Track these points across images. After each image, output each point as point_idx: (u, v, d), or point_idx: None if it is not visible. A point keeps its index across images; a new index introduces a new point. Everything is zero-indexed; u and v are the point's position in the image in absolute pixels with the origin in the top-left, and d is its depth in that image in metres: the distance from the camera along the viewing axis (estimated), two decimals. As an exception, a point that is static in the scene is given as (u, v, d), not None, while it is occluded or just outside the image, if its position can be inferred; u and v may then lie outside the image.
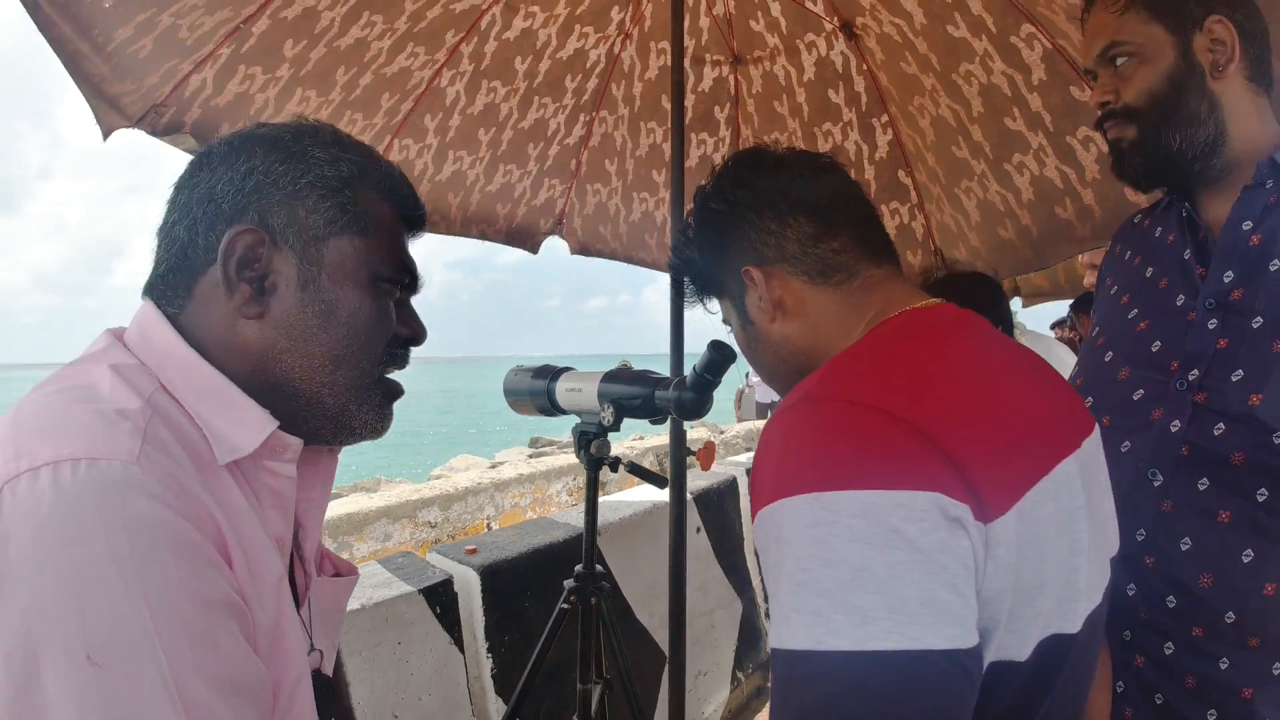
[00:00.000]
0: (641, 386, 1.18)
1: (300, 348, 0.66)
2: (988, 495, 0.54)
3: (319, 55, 1.60)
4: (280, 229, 0.66)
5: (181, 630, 0.51)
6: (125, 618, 0.49)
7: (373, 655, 1.67)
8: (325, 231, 0.67)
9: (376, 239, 0.70)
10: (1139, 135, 0.96)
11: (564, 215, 2.35)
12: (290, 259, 0.66)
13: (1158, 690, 0.90)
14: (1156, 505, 0.90)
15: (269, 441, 0.65)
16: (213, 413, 0.63)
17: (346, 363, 0.68)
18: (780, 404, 0.61)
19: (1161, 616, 0.89)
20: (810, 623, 0.51)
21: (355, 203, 0.68)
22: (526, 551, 2.05)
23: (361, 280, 0.68)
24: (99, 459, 0.51)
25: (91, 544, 0.49)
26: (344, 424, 0.70)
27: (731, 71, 2.06)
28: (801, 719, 0.51)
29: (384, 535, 3.84)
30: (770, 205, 0.76)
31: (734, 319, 0.82)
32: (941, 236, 2.07)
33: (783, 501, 0.54)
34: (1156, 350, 0.95)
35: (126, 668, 0.49)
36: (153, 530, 0.51)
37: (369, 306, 0.69)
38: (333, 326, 0.67)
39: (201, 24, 1.39)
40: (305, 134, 0.69)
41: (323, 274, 0.67)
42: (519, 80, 1.96)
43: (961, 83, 1.70)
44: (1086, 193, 1.68)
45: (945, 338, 0.67)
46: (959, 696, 0.51)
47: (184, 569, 0.52)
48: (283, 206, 0.66)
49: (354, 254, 0.68)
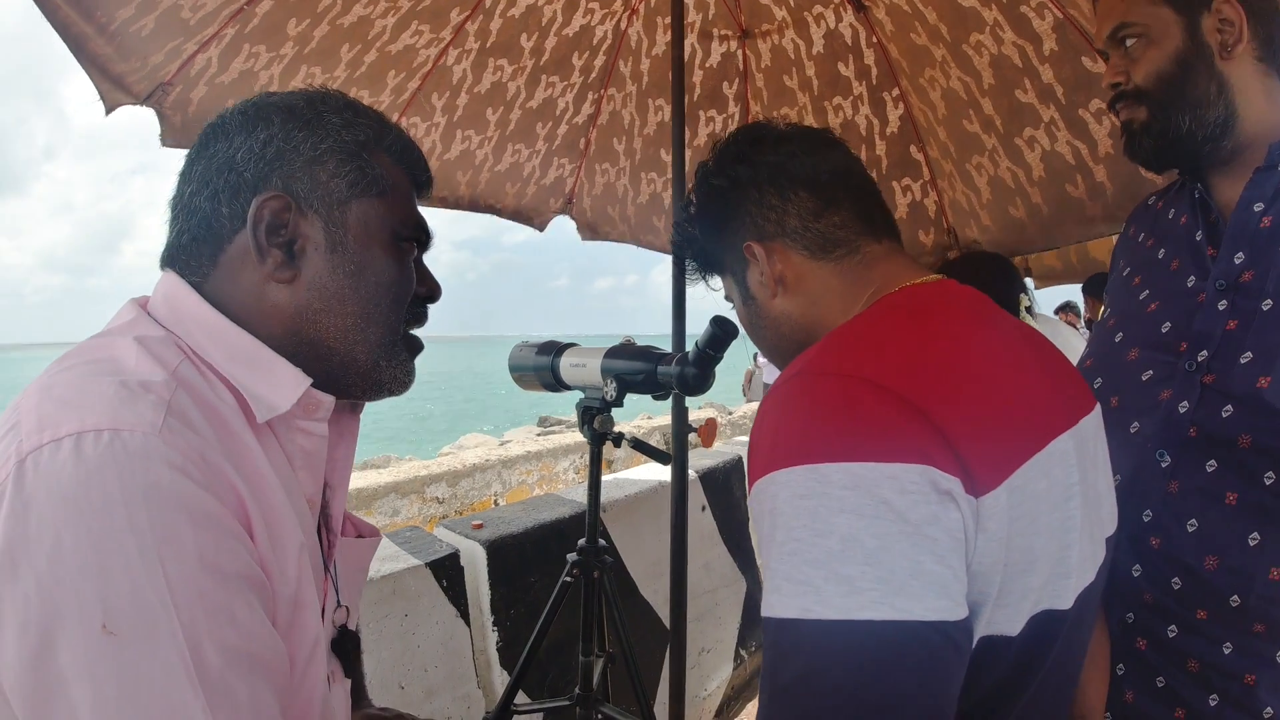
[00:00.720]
0: (644, 362, 1.19)
1: (334, 308, 0.68)
2: (979, 469, 0.54)
3: (323, 33, 1.59)
4: (305, 194, 0.67)
5: (198, 601, 0.51)
6: (142, 588, 0.49)
7: (380, 627, 1.70)
8: (348, 195, 0.68)
9: (394, 200, 0.72)
10: (1149, 117, 0.95)
11: (573, 195, 2.34)
12: (317, 223, 0.67)
13: (1159, 673, 0.90)
14: (1164, 486, 0.90)
15: (303, 400, 0.66)
16: (247, 374, 0.64)
17: (376, 320, 0.70)
18: (777, 378, 0.61)
19: (1166, 599, 0.89)
20: (799, 591, 0.52)
21: (373, 166, 0.70)
22: (532, 527, 2.07)
23: (385, 240, 0.70)
24: (121, 430, 0.51)
25: (111, 514, 0.49)
26: (375, 379, 0.72)
27: (740, 46, 2.03)
28: (788, 686, 0.52)
29: (392, 510, 3.88)
30: (771, 180, 0.76)
31: (735, 295, 0.82)
32: (954, 214, 2.04)
33: (776, 473, 0.55)
34: (1166, 331, 0.94)
35: (142, 637, 0.49)
36: (173, 501, 0.51)
37: (393, 265, 0.71)
38: (363, 286, 0.69)
39: (204, 4, 1.39)
40: (318, 101, 0.70)
41: (349, 236, 0.68)
42: (526, 58, 1.94)
43: (972, 54, 1.67)
44: (1099, 169, 1.65)
45: (942, 313, 0.67)
46: (946, 668, 0.52)
47: (203, 540, 0.52)
48: (305, 172, 0.67)
49: (376, 215, 0.70)
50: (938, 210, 2.06)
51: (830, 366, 0.59)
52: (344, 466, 0.76)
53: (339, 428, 0.76)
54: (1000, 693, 0.61)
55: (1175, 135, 0.93)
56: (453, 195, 2.11)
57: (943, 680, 0.52)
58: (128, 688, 0.48)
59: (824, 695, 0.50)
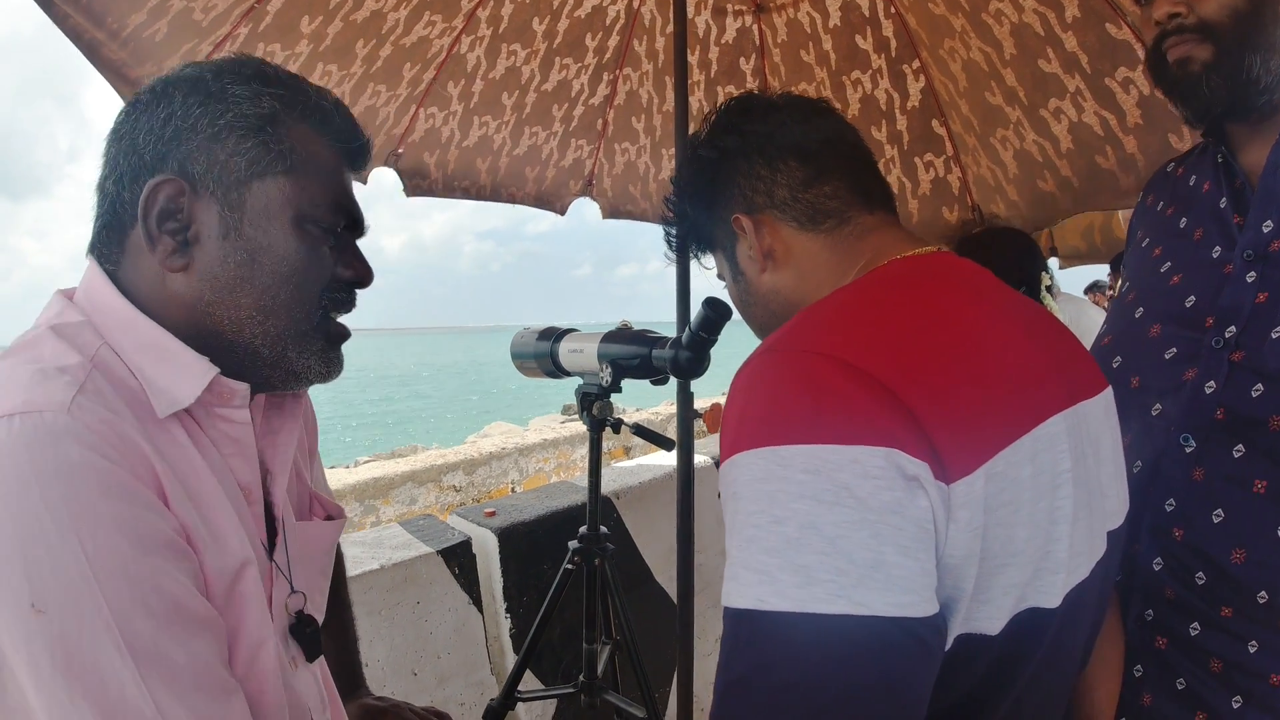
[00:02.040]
0: (639, 346, 1.16)
1: (226, 299, 0.64)
2: (951, 454, 0.50)
3: (336, 30, 1.60)
4: (201, 176, 0.63)
5: (119, 571, 0.52)
6: (63, 564, 0.50)
7: (392, 614, 1.71)
8: (248, 174, 0.64)
9: (307, 178, 0.66)
10: (1215, 55, 0.85)
11: (593, 176, 2.32)
12: (212, 207, 0.63)
13: (1179, 674, 0.85)
14: (1187, 473, 0.84)
15: (215, 389, 0.64)
16: (153, 365, 0.62)
17: (276, 312, 0.65)
18: (749, 355, 0.58)
19: (1188, 594, 0.83)
20: (756, 580, 0.49)
21: (280, 140, 0.65)
22: (544, 514, 2.06)
23: (288, 223, 0.65)
24: (31, 411, 0.52)
25: (27, 494, 0.50)
26: (286, 370, 0.68)
27: (755, 21, 1.97)
28: (741, 679, 0.49)
29: (410, 499, 3.92)
30: (759, 150, 0.73)
31: (726, 272, 0.80)
32: (979, 190, 1.97)
33: (739, 456, 0.52)
34: (1190, 306, 0.88)
35: (68, 612, 0.50)
36: (84, 475, 0.52)
37: (298, 251, 0.66)
38: (259, 276, 0.64)
39: (214, 5, 1.40)
40: (226, 71, 0.65)
41: (245, 220, 0.64)
42: (539, 42, 1.93)
43: (992, 22, 1.60)
44: (1129, 140, 1.57)
45: (927, 287, 0.63)
46: (910, 667, 0.48)
47: (119, 512, 0.52)
48: (202, 151, 0.63)
49: (280, 195, 0.65)
50: (962, 186, 2.00)
51: (798, 343, 0.55)
52: (284, 450, 0.74)
53: (282, 412, 0.74)
54: (982, 694, 0.57)
55: (1245, 78, 0.83)
56: (474, 184, 2.11)
57: (905, 679, 0.48)
58: (60, 662, 0.50)
59: (776, 691, 0.47)
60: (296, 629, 0.73)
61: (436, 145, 1.97)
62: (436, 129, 1.94)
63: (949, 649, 0.53)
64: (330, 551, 0.82)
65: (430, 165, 1.99)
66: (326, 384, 0.72)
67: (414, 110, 1.86)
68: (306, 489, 0.84)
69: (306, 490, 0.84)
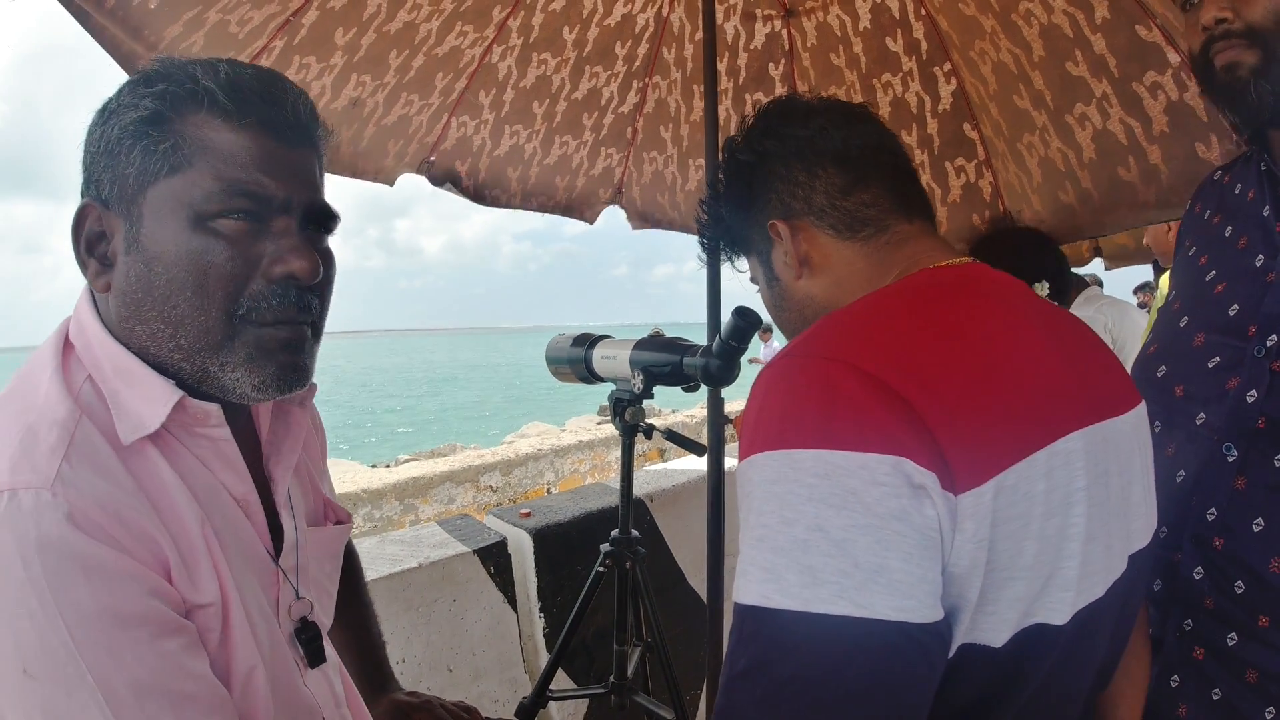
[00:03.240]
0: (670, 354, 1.18)
1: (136, 314, 0.62)
2: (961, 465, 0.51)
3: (370, 41, 1.63)
4: (108, 195, 0.62)
5: (100, 643, 0.53)
6: (47, 635, 0.52)
7: (429, 611, 1.76)
8: (139, 183, 0.61)
9: (200, 169, 0.60)
10: (1262, 60, 0.83)
11: (622, 184, 2.33)
12: (119, 223, 0.62)
13: (1216, 685, 0.84)
14: (1229, 482, 0.83)
15: (187, 410, 0.63)
16: (126, 389, 0.61)
17: (181, 323, 0.61)
18: (770, 359, 0.59)
19: (1228, 603, 0.83)
20: (763, 578, 0.50)
21: (166, 137, 0.60)
22: (578, 516, 2.09)
23: (184, 224, 0.60)
24: (18, 489, 0.54)
25: (11, 570, 0.52)
26: (219, 386, 0.63)
27: (784, 25, 1.97)
28: (743, 674, 0.51)
29: (448, 498, 3.99)
30: (799, 155, 0.73)
31: (760, 276, 0.80)
32: (1009, 197, 1.94)
33: (754, 457, 0.54)
34: (1234, 314, 0.87)
35: (56, 680, 0.52)
36: (64, 554, 0.53)
37: (195, 253, 0.60)
38: (155, 288, 0.60)
39: (250, 18, 1.43)
40: (128, 84, 0.63)
41: (142, 231, 0.61)
42: (569, 50, 1.95)
43: (1021, 23, 1.57)
44: (1153, 149, 1.53)
45: (952, 296, 0.63)
46: (908, 671, 0.49)
47: (96, 588, 0.54)
48: (107, 170, 0.62)
49: (171, 197, 0.60)
50: (993, 192, 1.97)
51: (817, 349, 0.56)
52: (288, 458, 0.75)
53: (287, 422, 0.75)
54: (982, 707, 0.57)
55: None
56: (505, 193, 2.14)
57: (904, 682, 0.49)
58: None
59: (778, 685, 0.49)
60: (300, 634, 0.74)
61: (468, 153, 2.01)
62: (468, 137, 1.97)
63: (951, 657, 0.54)
64: (338, 556, 0.84)
65: (462, 173, 2.03)
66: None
67: (446, 119, 1.90)
68: (320, 496, 0.85)
69: (320, 497, 0.85)
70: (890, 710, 0.49)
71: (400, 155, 1.88)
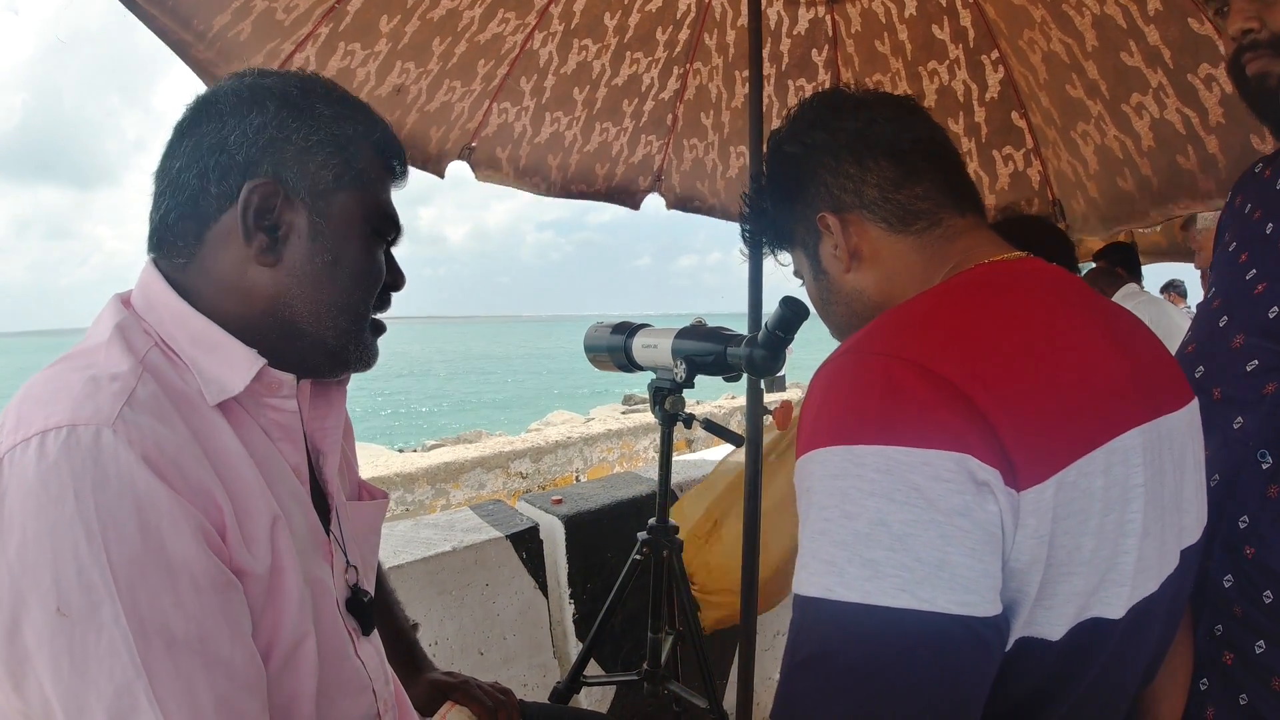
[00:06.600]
0: (714, 343, 1.17)
1: (310, 294, 0.71)
2: (1023, 462, 0.51)
3: (414, 28, 1.65)
4: (293, 182, 0.69)
5: (142, 585, 0.54)
6: (88, 571, 0.53)
7: (462, 595, 1.78)
8: (333, 186, 0.71)
9: (373, 194, 0.75)
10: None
11: (661, 171, 2.32)
12: (302, 211, 0.70)
13: (1243, 690, 0.82)
14: (1263, 490, 0.81)
15: (263, 379, 0.69)
16: (206, 357, 0.67)
17: (347, 308, 0.73)
18: (829, 355, 0.59)
19: (1256, 612, 0.81)
20: (825, 570, 0.51)
21: (357, 159, 0.73)
22: (610, 504, 2.09)
23: (361, 232, 0.73)
24: (78, 425, 0.55)
25: (63, 505, 0.53)
26: (341, 360, 0.75)
27: (828, 12, 1.94)
28: (805, 663, 0.52)
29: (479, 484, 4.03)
30: (849, 148, 0.72)
31: (806, 270, 0.79)
32: (1059, 185, 1.90)
33: (815, 452, 0.54)
34: (1275, 316, 0.83)
35: (89, 619, 0.53)
36: (120, 491, 0.54)
37: (367, 256, 0.74)
38: (339, 275, 0.72)
39: (296, 5, 1.45)
40: (311, 90, 0.72)
41: (330, 226, 0.71)
42: (609, 36, 1.94)
43: (1073, 13, 1.53)
44: (1210, 140, 1.49)
45: (1010, 292, 0.62)
46: (969, 663, 0.49)
47: (147, 526, 0.55)
48: (295, 161, 0.70)
49: (356, 208, 0.73)
50: (1042, 181, 1.93)
51: (878, 345, 0.56)
52: (334, 432, 0.80)
53: (329, 399, 0.80)
54: (1038, 699, 0.57)
55: None
56: (544, 180, 2.14)
57: (963, 675, 0.49)
58: (79, 664, 0.53)
59: (838, 675, 0.50)
60: (353, 602, 0.77)
61: (509, 140, 2.01)
62: (509, 124, 1.98)
63: (1009, 650, 0.54)
64: (378, 531, 0.88)
65: (502, 159, 2.03)
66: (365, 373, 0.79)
67: (487, 105, 1.90)
68: (355, 474, 0.90)
69: (355, 475, 0.90)
70: (948, 702, 0.49)
71: (443, 142, 1.89)
